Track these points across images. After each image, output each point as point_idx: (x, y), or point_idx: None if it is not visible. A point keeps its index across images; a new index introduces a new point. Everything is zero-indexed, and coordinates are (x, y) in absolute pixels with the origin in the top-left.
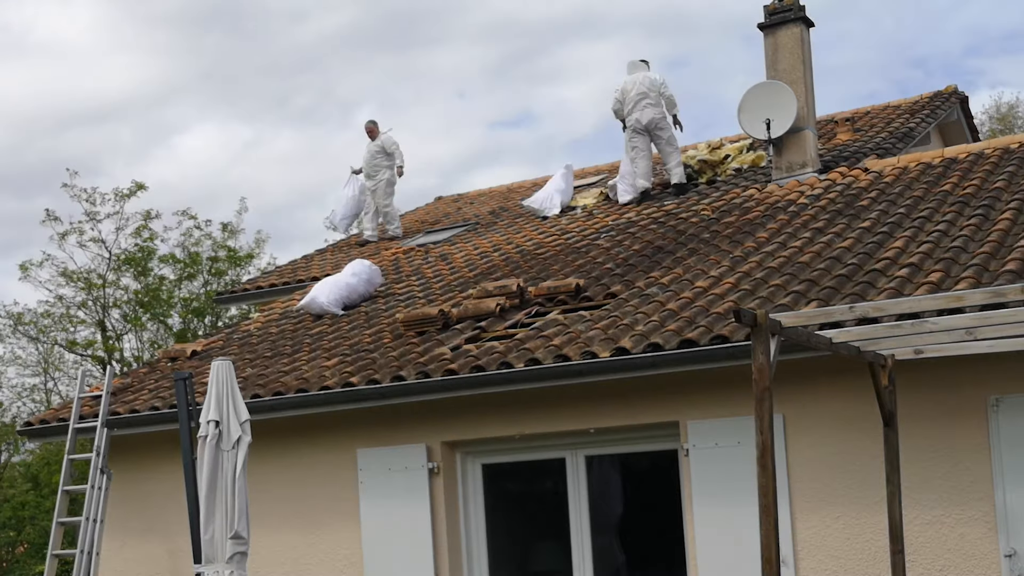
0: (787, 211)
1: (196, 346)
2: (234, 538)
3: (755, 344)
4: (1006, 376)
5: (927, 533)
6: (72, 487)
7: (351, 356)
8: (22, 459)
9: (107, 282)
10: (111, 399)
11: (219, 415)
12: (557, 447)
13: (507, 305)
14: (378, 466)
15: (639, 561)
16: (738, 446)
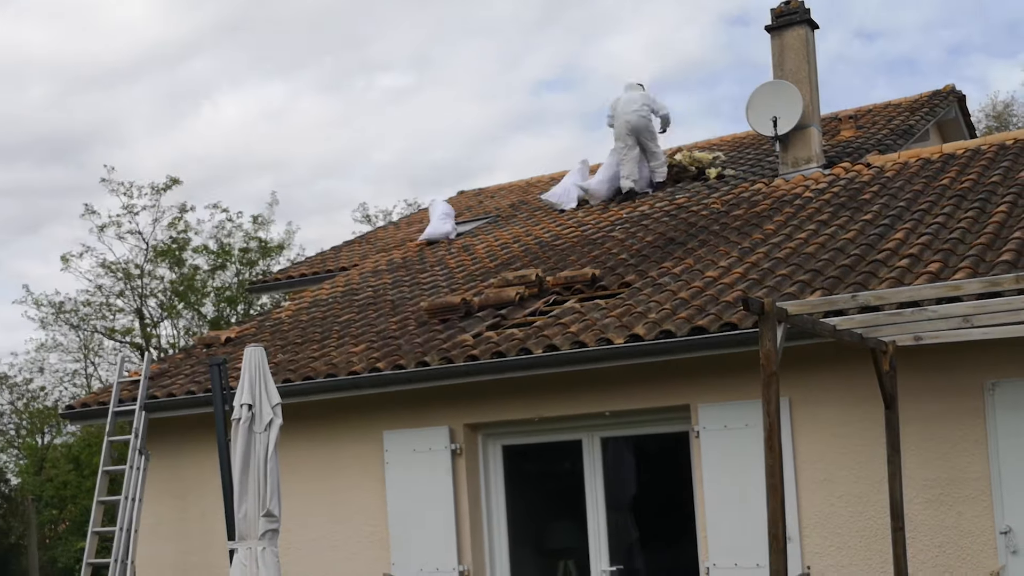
0: (793, 204)
1: (230, 333)
2: (266, 516)
3: (762, 331)
4: (1002, 361)
5: (926, 511)
6: (111, 468)
7: (378, 342)
8: (64, 441)
9: (144, 272)
10: (149, 384)
11: (252, 399)
12: (574, 429)
13: (526, 294)
14: (403, 447)
15: (652, 537)
16: (746, 428)
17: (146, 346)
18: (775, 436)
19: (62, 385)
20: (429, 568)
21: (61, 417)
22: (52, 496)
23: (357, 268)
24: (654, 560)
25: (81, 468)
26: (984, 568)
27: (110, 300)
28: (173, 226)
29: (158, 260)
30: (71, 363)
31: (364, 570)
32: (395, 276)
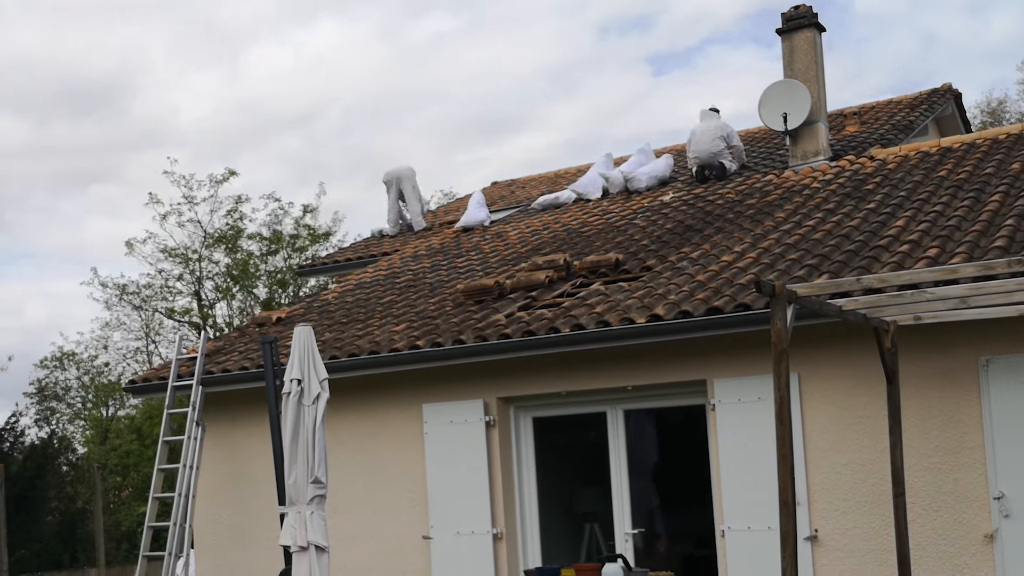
0: (802, 194)
1: (280, 313)
2: (314, 482)
3: (774, 311)
4: (995, 339)
5: (925, 478)
6: (171, 438)
7: (417, 322)
8: (127, 413)
9: (202, 257)
10: (205, 360)
11: (301, 374)
12: (599, 402)
13: (555, 277)
14: (441, 419)
15: (671, 503)
16: (759, 401)
17: (203, 325)
18: (785, 409)
19: (125, 361)
20: (465, 531)
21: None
22: (116, 464)
23: (398, 253)
24: (673, 523)
25: (143, 438)
26: (979, 531)
27: (170, 283)
28: (229, 215)
29: (215, 246)
30: (133, 341)
31: (405, 532)
32: (433, 260)
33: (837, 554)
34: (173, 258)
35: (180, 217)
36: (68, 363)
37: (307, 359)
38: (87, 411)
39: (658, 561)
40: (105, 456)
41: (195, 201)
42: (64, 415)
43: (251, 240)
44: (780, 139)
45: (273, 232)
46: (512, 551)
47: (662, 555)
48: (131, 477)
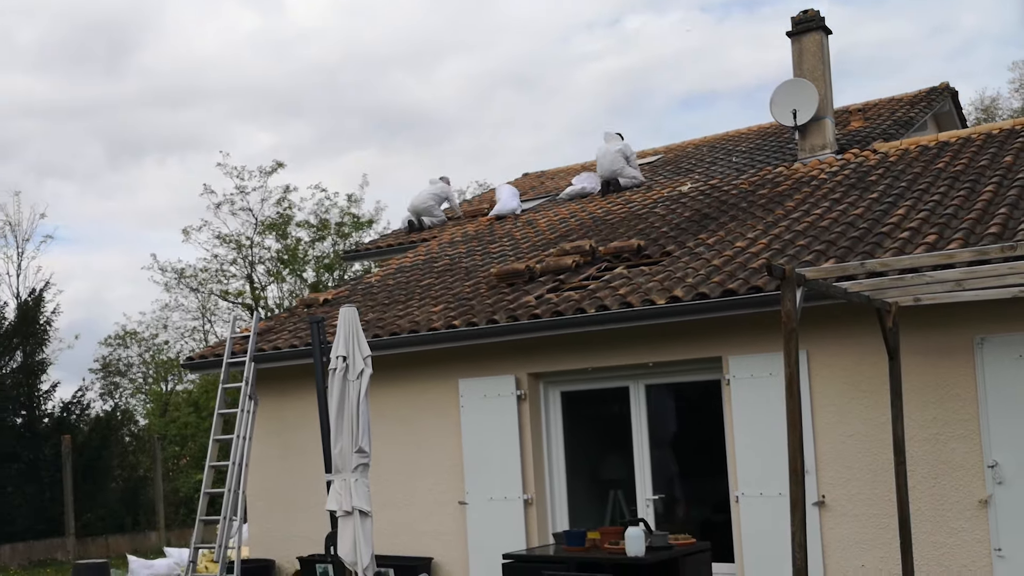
0: (810, 185)
1: (327, 295)
2: (358, 452)
3: (784, 293)
4: (989, 319)
5: (924, 447)
6: (225, 411)
7: (454, 303)
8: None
9: (254, 243)
10: (257, 339)
11: (346, 351)
12: (622, 378)
13: (581, 262)
14: (476, 393)
15: (689, 471)
16: (770, 377)
17: (255, 306)
18: (794, 383)
19: (183, 340)
20: (498, 496)
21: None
22: (174, 435)
23: (436, 239)
24: (691, 490)
25: (199, 411)
26: (974, 497)
27: (224, 267)
28: (279, 204)
29: (266, 233)
30: (191, 321)
31: (442, 498)
32: (469, 246)
33: (842, 518)
34: (227, 244)
35: (233, 206)
36: (131, 341)
37: (352, 338)
38: (148, 386)
39: (677, 525)
40: (164, 427)
41: (246, 191)
42: (127, 389)
43: (300, 227)
44: (790, 134)
45: (320, 220)
46: (542, 515)
47: (681, 519)
48: (188, 447)
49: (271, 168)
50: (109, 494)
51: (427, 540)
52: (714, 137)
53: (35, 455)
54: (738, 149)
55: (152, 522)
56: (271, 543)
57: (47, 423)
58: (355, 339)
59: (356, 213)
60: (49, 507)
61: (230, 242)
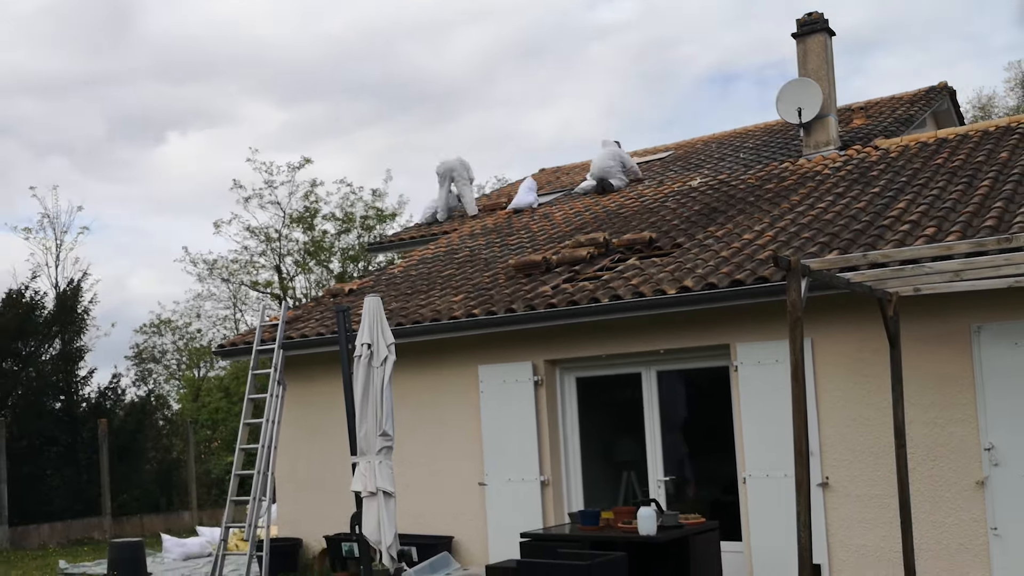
0: (814, 180)
1: (352, 286)
2: (382, 435)
3: (790, 283)
4: (986, 308)
5: (924, 431)
6: (255, 395)
7: (473, 293)
8: (216, 374)
9: (282, 236)
10: (285, 327)
11: (370, 339)
12: (634, 364)
13: (595, 253)
14: (495, 379)
15: (698, 453)
16: (776, 363)
17: (283, 296)
18: (800, 370)
19: (215, 328)
20: (516, 478)
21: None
22: (206, 419)
23: (456, 232)
24: (700, 471)
25: (230, 396)
26: (971, 478)
27: (254, 258)
28: (306, 197)
29: (293, 225)
30: (222, 310)
31: (462, 479)
32: (488, 239)
33: (845, 498)
34: (256, 236)
35: (261, 200)
36: (164, 329)
37: (376, 326)
38: (181, 372)
39: (687, 505)
40: (197, 412)
41: (275, 185)
42: (160, 375)
43: (326, 220)
44: (795, 131)
45: (346, 213)
46: (557, 496)
47: (691, 500)
48: (220, 431)
49: (299, 164)
50: (144, 476)
51: (448, 520)
52: (722, 134)
53: (73, 439)
54: (745, 146)
55: (185, 502)
56: (299, 522)
57: (84, 408)
58: (379, 327)
59: (380, 207)
60: (86, 488)
61: (259, 234)
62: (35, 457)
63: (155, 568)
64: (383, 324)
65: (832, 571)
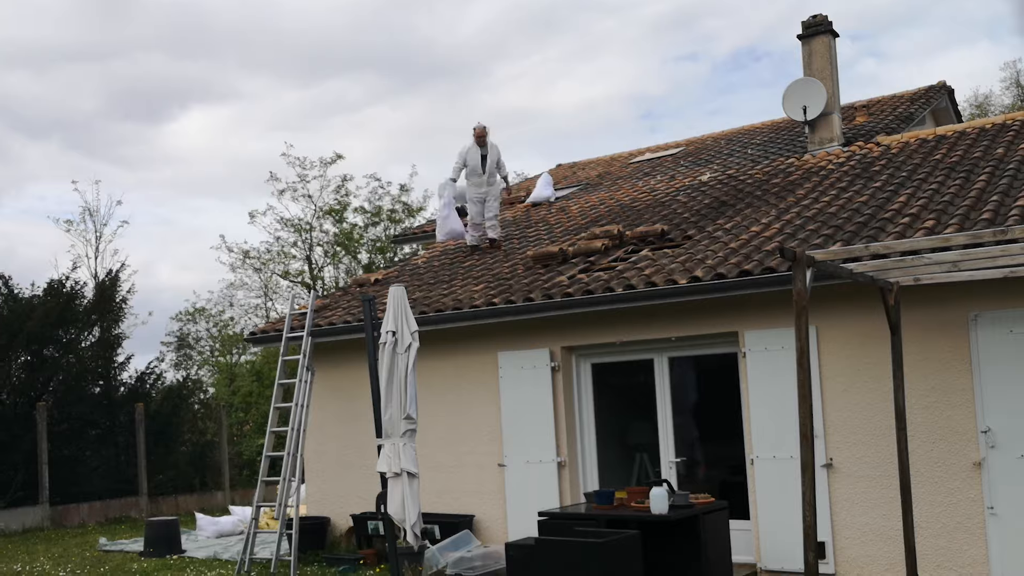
0: (819, 175)
1: (378, 275)
2: (406, 418)
3: (795, 274)
4: (982, 297)
5: (923, 415)
6: (285, 380)
7: (493, 283)
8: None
9: (313, 227)
10: (314, 315)
11: (395, 326)
12: (647, 351)
13: (610, 245)
14: (513, 365)
15: (708, 435)
16: (782, 350)
17: (313, 285)
18: (805, 356)
19: (247, 316)
20: (534, 459)
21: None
22: (239, 403)
23: None
24: (710, 453)
25: (261, 381)
26: (968, 460)
27: (285, 249)
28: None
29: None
30: (254, 299)
31: (483, 460)
32: (507, 231)
33: (849, 479)
34: (288, 228)
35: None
36: (199, 317)
37: (400, 314)
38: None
39: (697, 485)
40: (230, 396)
41: (307, 179)
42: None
43: (355, 213)
44: (800, 128)
45: (374, 207)
46: (573, 476)
47: (701, 480)
48: (251, 414)
49: (331, 159)
50: (179, 457)
51: (469, 499)
52: (731, 131)
53: (111, 422)
54: (753, 142)
55: (218, 483)
56: (327, 502)
57: (123, 392)
58: (403, 315)
59: (406, 201)
60: (124, 469)
61: (291, 226)
62: (75, 439)
63: (189, 545)
64: (407, 312)
65: (836, 548)
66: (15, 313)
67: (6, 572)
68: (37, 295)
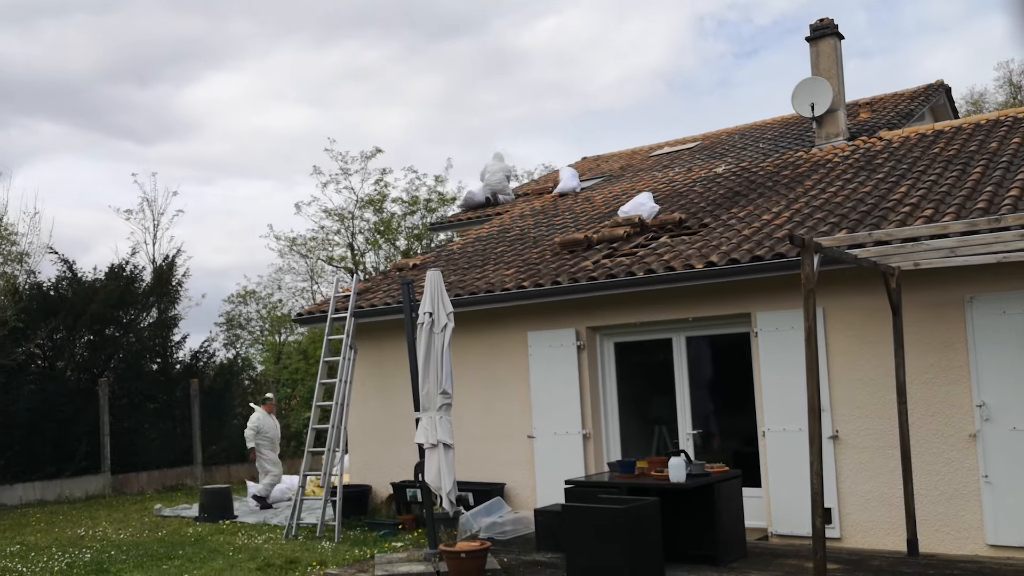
0: (825, 167)
1: (416, 261)
2: (442, 393)
3: (804, 259)
4: (977, 281)
5: (923, 389)
6: (330, 358)
7: (523, 267)
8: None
9: (354, 216)
10: (357, 298)
11: (432, 308)
12: (666, 330)
13: (631, 232)
14: (542, 343)
15: (722, 410)
16: (792, 330)
17: (355, 270)
18: (812, 336)
19: (294, 298)
20: (560, 431)
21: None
22: (286, 379)
23: (508, 213)
24: (725, 426)
25: (307, 359)
26: (964, 432)
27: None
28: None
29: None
30: (300, 282)
31: (513, 432)
32: (536, 219)
33: (853, 450)
34: (332, 217)
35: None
36: (250, 300)
37: (437, 296)
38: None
39: (713, 455)
40: (278, 373)
41: (349, 172)
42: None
43: (394, 203)
44: (808, 124)
45: (411, 197)
46: (597, 447)
47: (716, 451)
48: (298, 389)
49: (371, 153)
50: (231, 429)
51: (501, 468)
52: (744, 126)
53: (168, 396)
54: (764, 137)
55: None
56: (368, 471)
57: (178, 369)
58: (439, 298)
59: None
60: (180, 440)
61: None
62: (135, 413)
63: (241, 511)
64: (443, 295)
65: (841, 514)
66: (79, 296)
67: (71, 536)
68: (99, 279)
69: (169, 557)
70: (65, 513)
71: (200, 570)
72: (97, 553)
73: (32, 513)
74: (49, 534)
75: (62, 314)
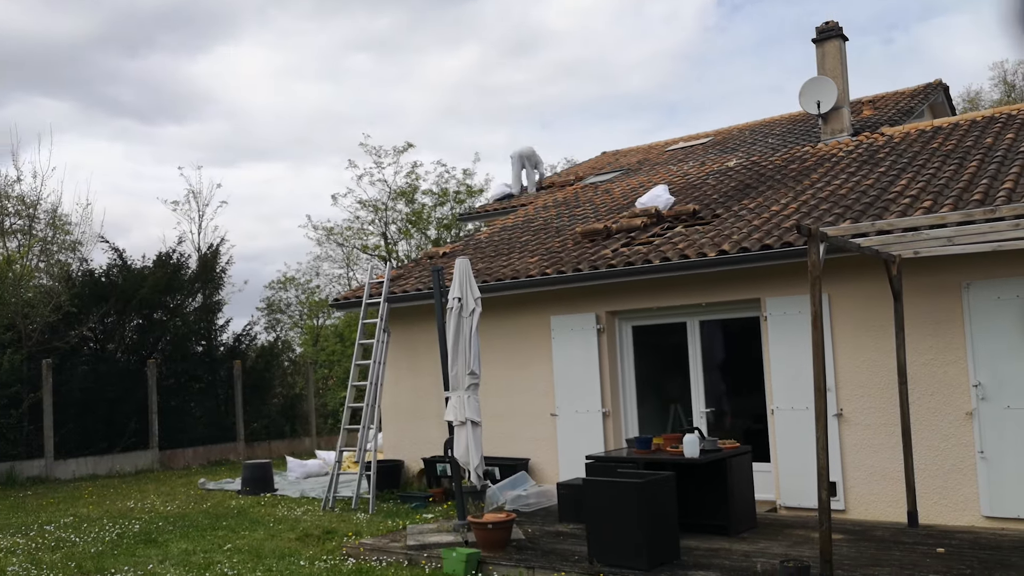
0: (830, 161)
1: (446, 249)
2: (470, 374)
3: (810, 247)
4: (973, 268)
5: (923, 371)
6: (364, 341)
7: (547, 255)
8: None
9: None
10: (390, 284)
11: (461, 294)
12: (681, 315)
13: (648, 222)
14: (564, 327)
15: (734, 389)
16: (799, 314)
17: (388, 258)
18: (818, 320)
19: (331, 284)
20: (582, 410)
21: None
22: (324, 361)
23: (532, 204)
24: (736, 404)
25: (343, 341)
26: (962, 410)
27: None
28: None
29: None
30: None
31: (537, 410)
32: (559, 210)
33: (857, 427)
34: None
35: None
36: (289, 286)
37: (465, 283)
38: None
39: (725, 432)
40: (316, 355)
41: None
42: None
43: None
44: (814, 120)
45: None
46: (616, 425)
47: (728, 428)
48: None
49: (403, 148)
50: (271, 407)
51: (525, 445)
52: (754, 123)
53: (212, 377)
54: (773, 132)
55: (306, 430)
56: (400, 447)
57: (222, 351)
58: (468, 284)
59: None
60: (224, 418)
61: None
62: (181, 392)
63: (281, 484)
64: (471, 281)
65: (846, 487)
66: (128, 282)
67: (121, 508)
68: (148, 266)
69: (213, 528)
70: (115, 487)
71: (243, 540)
72: (146, 524)
73: (84, 487)
74: (100, 506)
75: (113, 299)
